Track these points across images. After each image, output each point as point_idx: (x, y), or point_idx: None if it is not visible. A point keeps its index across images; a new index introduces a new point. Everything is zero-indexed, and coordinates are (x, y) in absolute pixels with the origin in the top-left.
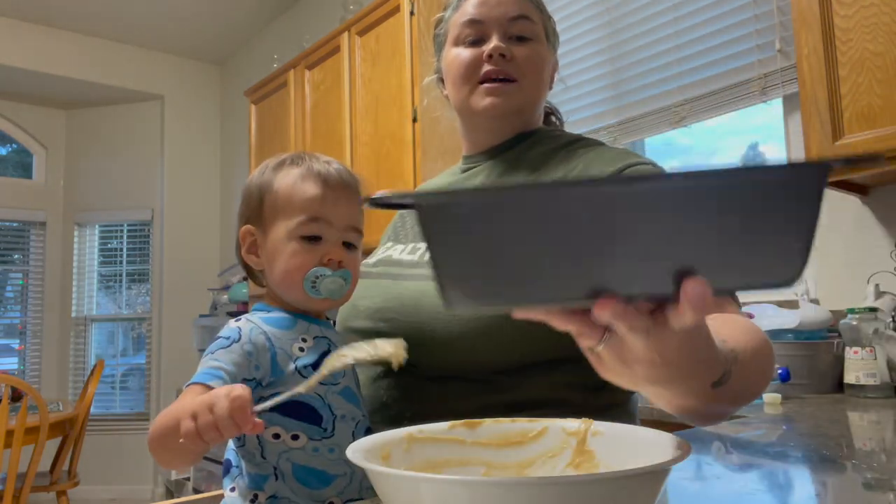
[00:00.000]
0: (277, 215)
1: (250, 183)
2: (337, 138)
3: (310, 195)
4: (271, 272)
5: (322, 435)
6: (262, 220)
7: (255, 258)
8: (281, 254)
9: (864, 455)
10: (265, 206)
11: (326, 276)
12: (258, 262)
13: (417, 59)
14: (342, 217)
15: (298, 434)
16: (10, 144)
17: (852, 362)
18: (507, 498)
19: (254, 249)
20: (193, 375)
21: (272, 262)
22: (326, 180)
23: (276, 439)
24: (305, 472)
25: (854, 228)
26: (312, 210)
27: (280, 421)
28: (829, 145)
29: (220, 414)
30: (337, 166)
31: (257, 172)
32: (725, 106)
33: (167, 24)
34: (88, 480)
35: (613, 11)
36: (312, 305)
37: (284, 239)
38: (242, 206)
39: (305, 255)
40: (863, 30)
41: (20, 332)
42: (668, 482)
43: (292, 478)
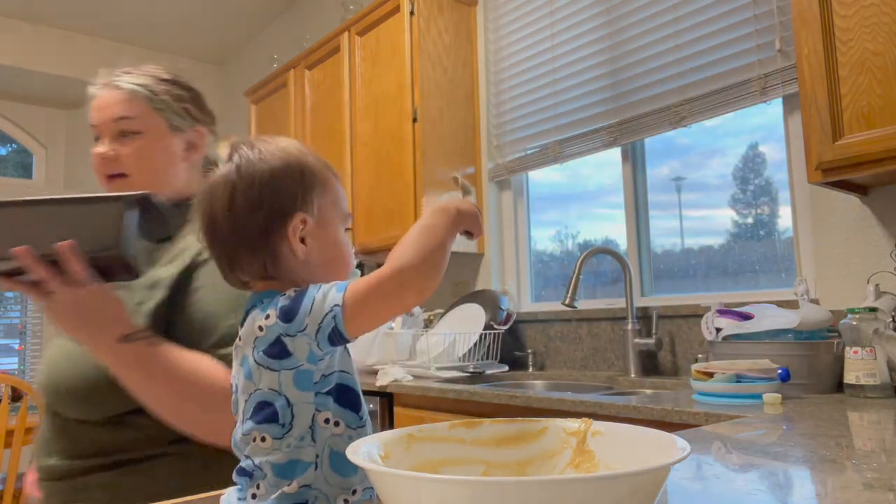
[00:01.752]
0: (331, 207)
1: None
2: (337, 138)
3: (344, 193)
4: (326, 263)
5: (357, 424)
6: (313, 206)
7: (304, 246)
8: (339, 247)
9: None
10: (325, 193)
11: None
12: (304, 251)
13: (417, 59)
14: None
15: (339, 421)
16: (10, 144)
17: (852, 362)
18: (507, 497)
19: (301, 237)
20: (335, 287)
21: (329, 254)
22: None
23: (327, 424)
24: (341, 459)
25: (854, 228)
26: (346, 204)
27: (331, 406)
28: (828, 145)
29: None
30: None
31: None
32: (725, 106)
33: (167, 24)
34: None
35: (613, 11)
36: None
37: (341, 232)
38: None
39: (351, 248)
40: (863, 30)
41: (20, 332)
42: (668, 482)
43: (328, 465)
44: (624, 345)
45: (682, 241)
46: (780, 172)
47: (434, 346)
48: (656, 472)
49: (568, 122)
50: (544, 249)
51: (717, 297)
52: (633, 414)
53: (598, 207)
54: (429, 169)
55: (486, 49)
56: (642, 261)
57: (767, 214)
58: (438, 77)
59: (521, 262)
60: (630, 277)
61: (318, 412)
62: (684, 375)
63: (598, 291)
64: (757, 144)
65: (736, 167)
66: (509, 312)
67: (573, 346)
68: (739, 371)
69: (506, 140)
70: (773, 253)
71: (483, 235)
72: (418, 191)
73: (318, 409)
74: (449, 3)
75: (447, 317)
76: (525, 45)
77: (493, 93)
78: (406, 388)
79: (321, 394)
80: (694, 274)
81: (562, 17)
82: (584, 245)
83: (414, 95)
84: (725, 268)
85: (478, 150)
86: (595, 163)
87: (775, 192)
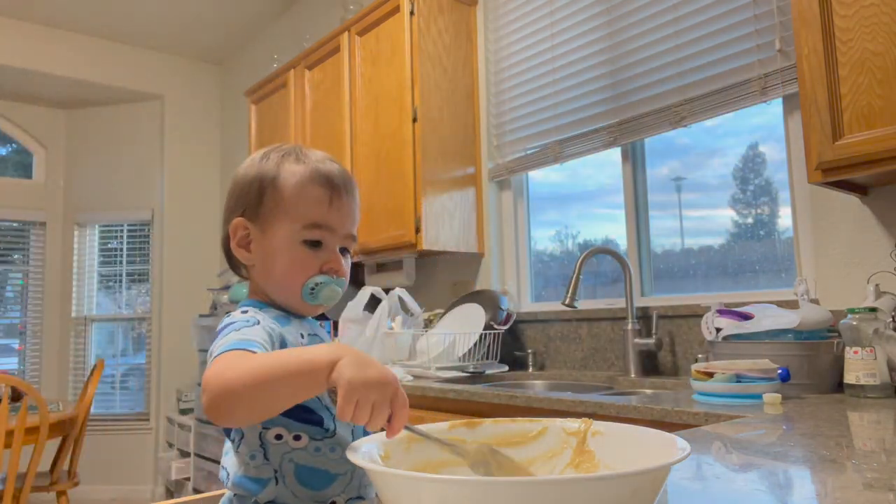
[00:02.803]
0: (280, 214)
1: (246, 172)
2: (337, 138)
3: (316, 199)
4: (267, 272)
5: (324, 434)
6: (259, 214)
7: (246, 253)
8: (281, 256)
9: (864, 455)
10: (266, 201)
11: (326, 285)
12: (248, 258)
13: (417, 59)
14: (344, 224)
15: (300, 434)
16: (10, 144)
17: (852, 362)
18: (508, 498)
19: (245, 243)
20: (223, 346)
21: (269, 262)
22: (333, 184)
23: (279, 440)
24: (308, 472)
25: (854, 228)
26: (318, 216)
27: (283, 422)
28: (829, 145)
29: (400, 403)
30: (339, 167)
31: (255, 161)
32: (725, 106)
33: (167, 24)
34: (88, 480)
35: (613, 11)
36: (304, 309)
37: (287, 240)
38: (235, 196)
39: (307, 261)
40: (863, 30)
41: (20, 332)
42: (668, 482)
43: (294, 479)
44: (624, 345)
45: (682, 241)
46: (780, 172)
47: (434, 346)
48: (656, 472)
49: (568, 122)
50: (544, 249)
51: (717, 297)
52: (633, 414)
53: (598, 207)
54: (429, 169)
55: (486, 49)
56: (642, 261)
57: (767, 214)
58: (438, 77)
59: (521, 262)
60: (630, 277)
61: (266, 429)
62: (684, 375)
63: (598, 291)
64: (757, 144)
65: (736, 167)
66: (509, 312)
67: (573, 346)
68: (739, 371)
69: (506, 140)
70: (773, 253)
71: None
72: (418, 191)
73: (266, 427)
74: (449, 3)
75: (447, 317)
76: (525, 45)
77: (493, 93)
78: (406, 388)
79: None
80: (694, 274)
81: (562, 17)
82: (584, 245)
83: (414, 95)
84: (725, 268)
85: (478, 150)
86: (595, 163)
87: (775, 192)
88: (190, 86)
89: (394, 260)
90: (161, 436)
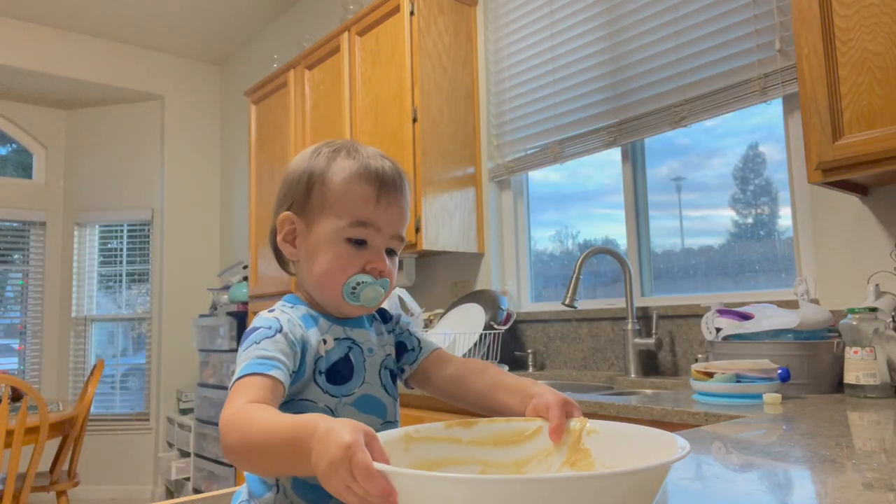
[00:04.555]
0: (326, 210)
1: (297, 167)
2: (337, 138)
3: (364, 196)
4: (309, 267)
5: None
6: (307, 209)
7: (292, 248)
8: (324, 252)
9: (864, 455)
10: (313, 196)
11: (368, 285)
12: (294, 253)
13: (417, 59)
14: (391, 224)
15: None
16: (10, 144)
17: (852, 362)
18: (507, 495)
19: (290, 238)
20: (243, 367)
21: (312, 258)
22: (383, 181)
23: None
24: (305, 486)
25: (854, 228)
26: (365, 214)
27: None
28: (828, 145)
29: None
30: (391, 164)
31: (306, 156)
32: (725, 106)
33: (167, 24)
34: (88, 480)
35: (613, 11)
36: (344, 309)
37: (330, 237)
38: (284, 190)
39: (350, 259)
40: (863, 30)
41: (20, 332)
42: (668, 482)
43: (292, 492)
44: (624, 345)
45: (682, 241)
46: (780, 172)
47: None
48: (656, 471)
49: (568, 122)
50: (544, 249)
51: (717, 297)
52: (633, 414)
53: (598, 207)
54: (429, 169)
55: (486, 49)
56: (642, 261)
57: (767, 214)
58: (438, 77)
59: (521, 262)
60: (630, 277)
61: None
62: (684, 375)
63: (598, 291)
64: (757, 144)
65: (736, 167)
66: (509, 312)
67: (573, 346)
68: (739, 371)
69: (506, 140)
70: (773, 253)
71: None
72: (418, 191)
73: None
74: (449, 3)
75: (447, 317)
76: (525, 45)
77: (493, 93)
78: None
79: None
80: (694, 274)
81: (562, 17)
82: (584, 245)
83: (414, 95)
84: (725, 268)
85: (478, 150)
86: (595, 163)
87: (775, 192)
88: (190, 86)
89: None
90: (161, 436)
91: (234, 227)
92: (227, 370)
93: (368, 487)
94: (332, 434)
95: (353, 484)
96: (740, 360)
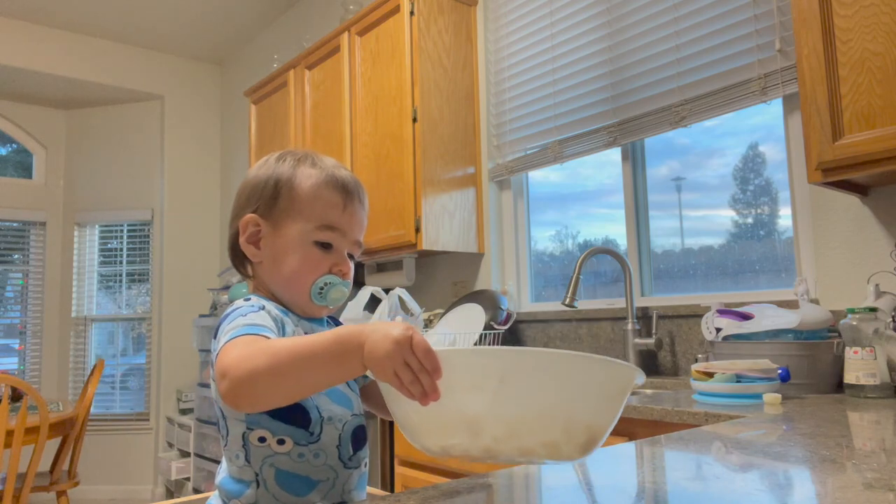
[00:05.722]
0: (294, 213)
1: (261, 172)
2: (337, 138)
3: (332, 202)
4: (276, 268)
5: (308, 440)
6: (272, 212)
7: (255, 249)
8: (292, 254)
9: (864, 455)
10: (281, 200)
11: (335, 285)
12: (257, 254)
13: (417, 59)
14: (353, 230)
15: (284, 439)
16: (10, 144)
17: (852, 362)
18: (535, 364)
19: (254, 240)
20: (233, 332)
21: (279, 260)
22: (347, 190)
23: (262, 443)
24: (289, 477)
25: (854, 228)
26: (332, 218)
27: (268, 424)
28: (828, 145)
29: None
30: (351, 175)
31: (270, 163)
32: (725, 106)
33: (167, 24)
34: (88, 480)
35: (613, 11)
36: (309, 309)
37: (298, 239)
38: (248, 193)
39: (318, 261)
40: (863, 30)
41: (20, 332)
42: (668, 482)
43: (275, 484)
44: (624, 345)
45: (682, 241)
46: (780, 172)
47: (434, 346)
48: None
49: (568, 122)
50: (544, 249)
51: (717, 297)
52: (633, 414)
53: (598, 207)
54: (429, 169)
55: (486, 49)
56: (642, 261)
57: (767, 214)
58: (438, 77)
59: (521, 262)
60: (630, 277)
61: (250, 430)
62: (684, 375)
63: (598, 291)
64: (757, 144)
65: (736, 167)
66: (509, 312)
67: (573, 345)
68: (739, 371)
69: (506, 140)
70: (773, 253)
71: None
72: (418, 191)
73: (250, 427)
74: (449, 3)
75: (447, 317)
76: (525, 45)
77: (493, 93)
78: None
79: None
80: (694, 274)
81: (562, 18)
82: (584, 245)
83: (414, 95)
84: (725, 268)
85: (478, 150)
86: (595, 163)
87: (775, 192)
88: (190, 86)
89: (394, 260)
90: (161, 436)
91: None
92: None
93: (426, 361)
94: (386, 325)
95: (412, 359)
96: (740, 360)
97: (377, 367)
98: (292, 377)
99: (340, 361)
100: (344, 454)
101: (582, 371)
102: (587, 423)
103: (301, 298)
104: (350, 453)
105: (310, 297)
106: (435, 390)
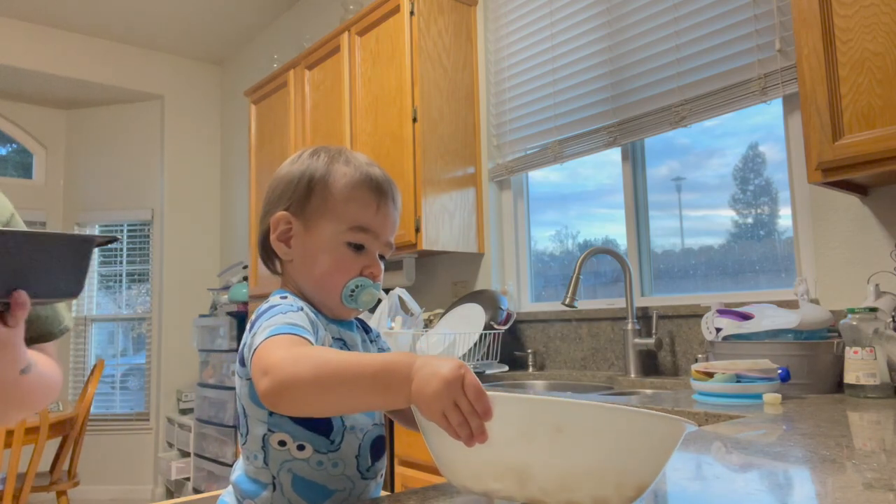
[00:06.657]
0: (327, 213)
1: (294, 168)
2: (337, 138)
3: (365, 203)
4: (306, 269)
5: (329, 448)
6: (304, 210)
7: (286, 247)
8: (323, 255)
9: (864, 455)
10: (314, 199)
11: (366, 288)
12: (287, 253)
13: (417, 59)
14: (385, 231)
15: (305, 444)
16: (10, 144)
17: (852, 362)
18: (596, 414)
19: (285, 238)
20: (274, 328)
21: (310, 260)
22: (381, 190)
23: (282, 447)
24: (306, 485)
25: (854, 228)
26: (365, 219)
27: (290, 428)
28: (828, 145)
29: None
30: (383, 173)
31: (303, 158)
32: (725, 106)
33: (167, 24)
34: (88, 480)
35: (613, 11)
36: (338, 311)
37: (330, 240)
38: (280, 191)
39: (349, 262)
40: (863, 30)
41: None
42: (668, 482)
43: (291, 490)
44: (624, 345)
45: (682, 241)
46: (780, 172)
47: (434, 346)
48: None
49: (568, 122)
50: (544, 249)
51: (717, 297)
52: None
53: (598, 207)
54: (429, 169)
55: (486, 49)
56: (642, 261)
57: (767, 214)
58: (438, 77)
59: (521, 262)
60: (630, 277)
61: (271, 433)
62: (684, 375)
63: (598, 291)
64: (757, 144)
65: (736, 167)
66: (509, 312)
67: (573, 346)
68: (739, 371)
69: (506, 140)
70: (773, 253)
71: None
72: (418, 191)
73: (272, 430)
74: (449, 3)
75: (447, 317)
76: (525, 45)
77: (493, 93)
78: None
79: (277, 414)
80: (694, 274)
81: (562, 18)
82: (584, 245)
83: (414, 95)
84: (725, 268)
85: (478, 150)
86: (595, 163)
87: (775, 192)
88: (190, 86)
89: (394, 260)
90: (161, 436)
91: (234, 227)
92: (226, 370)
93: (477, 403)
94: (437, 362)
95: (463, 400)
96: (740, 360)
97: (425, 406)
98: (334, 394)
99: (385, 392)
100: (362, 465)
101: (641, 428)
102: (639, 476)
103: (331, 300)
104: (368, 464)
105: (340, 300)
106: (483, 433)
